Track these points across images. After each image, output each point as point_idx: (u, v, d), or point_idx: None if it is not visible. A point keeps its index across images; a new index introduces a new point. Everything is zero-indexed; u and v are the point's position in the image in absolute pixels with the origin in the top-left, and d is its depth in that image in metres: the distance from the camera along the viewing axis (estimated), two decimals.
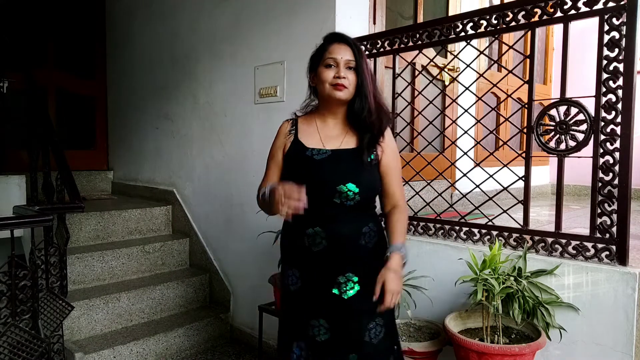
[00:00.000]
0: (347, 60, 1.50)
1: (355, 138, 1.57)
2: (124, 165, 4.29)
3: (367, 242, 1.53)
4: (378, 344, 1.52)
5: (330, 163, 1.52)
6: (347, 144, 1.56)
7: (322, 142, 1.56)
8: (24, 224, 1.93)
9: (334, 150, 1.54)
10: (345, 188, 1.47)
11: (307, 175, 1.50)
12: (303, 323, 1.56)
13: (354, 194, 1.48)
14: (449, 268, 1.95)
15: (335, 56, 1.50)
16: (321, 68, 1.52)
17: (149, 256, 3.14)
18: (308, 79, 1.63)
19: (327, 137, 1.57)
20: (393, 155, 1.60)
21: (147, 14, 3.85)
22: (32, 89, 2.69)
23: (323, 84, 1.51)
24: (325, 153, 1.53)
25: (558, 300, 1.65)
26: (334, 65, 1.50)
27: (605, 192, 1.61)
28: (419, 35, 2.12)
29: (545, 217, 2.88)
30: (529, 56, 1.82)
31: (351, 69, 1.51)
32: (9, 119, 3.34)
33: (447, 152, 2.91)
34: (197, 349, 2.86)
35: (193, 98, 3.38)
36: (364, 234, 1.53)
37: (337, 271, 1.51)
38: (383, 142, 1.56)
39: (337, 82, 1.48)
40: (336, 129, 1.59)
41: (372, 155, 1.55)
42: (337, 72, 1.49)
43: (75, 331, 2.56)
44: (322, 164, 1.51)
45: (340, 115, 1.58)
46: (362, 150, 1.53)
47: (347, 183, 1.47)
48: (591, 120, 1.64)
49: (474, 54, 2.18)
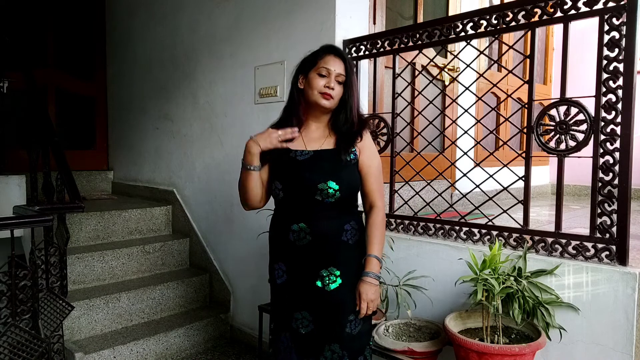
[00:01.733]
0: (339, 73, 1.61)
1: (334, 139, 1.67)
2: (124, 165, 4.29)
3: (349, 239, 1.63)
4: (357, 335, 1.62)
5: (312, 163, 1.62)
6: (328, 144, 1.66)
7: (305, 144, 1.67)
8: (24, 224, 1.93)
9: (315, 151, 1.64)
10: (326, 185, 1.57)
11: (290, 175, 1.62)
12: (288, 315, 1.66)
13: (334, 191, 1.57)
14: (449, 268, 1.95)
15: (329, 67, 1.60)
16: (313, 74, 1.61)
17: (149, 256, 3.14)
18: (294, 79, 1.69)
19: (310, 140, 1.67)
20: (371, 154, 1.68)
21: (147, 14, 3.85)
22: (32, 89, 2.68)
23: (312, 90, 1.61)
24: (307, 154, 1.63)
25: (558, 300, 1.65)
26: (326, 75, 1.60)
27: (605, 192, 1.61)
28: (419, 35, 2.12)
29: (545, 217, 2.88)
30: (529, 56, 1.82)
31: (340, 83, 1.62)
32: (9, 119, 3.33)
33: (447, 152, 2.91)
34: (197, 349, 2.86)
35: (193, 98, 3.38)
36: (345, 231, 1.62)
37: (320, 265, 1.60)
38: (360, 143, 1.65)
39: (326, 91, 1.59)
40: (318, 132, 1.69)
41: (352, 155, 1.64)
42: (328, 82, 1.59)
43: (75, 331, 2.56)
44: (305, 164, 1.61)
45: (323, 120, 1.69)
46: (340, 150, 1.63)
47: (327, 181, 1.57)
48: (591, 120, 1.64)
49: (474, 54, 2.18)
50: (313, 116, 1.68)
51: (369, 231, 1.66)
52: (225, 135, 3.09)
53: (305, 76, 1.64)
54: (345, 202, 1.63)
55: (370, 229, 1.66)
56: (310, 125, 1.69)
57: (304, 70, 1.65)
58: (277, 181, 1.64)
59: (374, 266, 1.61)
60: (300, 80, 1.66)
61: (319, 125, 1.69)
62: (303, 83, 1.65)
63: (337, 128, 1.67)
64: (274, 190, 1.66)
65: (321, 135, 1.69)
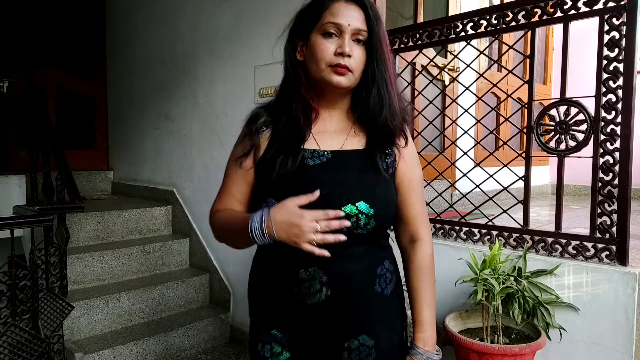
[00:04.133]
0: (357, 29, 1.02)
1: (362, 135, 1.11)
2: (124, 165, 4.29)
3: (384, 288, 1.08)
4: None
5: (330, 171, 1.04)
6: (353, 143, 1.10)
7: (316, 139, 1.08)
8: (24, 224, 1.93)
9: (334, 152, 1.07)
10: (355, 209, 1.00)
11: (295, 189, 0.99)
12: None
13: (367, 218, 1.01)
14: (449, 268, 1.95)
15: (340, 21, 1.01)
16: (315, 36, 1.04)
17: (149, 256, 3.14)
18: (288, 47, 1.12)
19: (324, 134, 1.09)
20: (414, 162, 1.15)
21: (147, 14, 3.85)
22: (32, 89, 2.68)
23: (317, 62, 1.03)
24: (322, 156, 1.06)
25: (558, 300, 1.65)
26: (336, 35, 1.02)
27: (605, 192, 1.61)
28: (419, 35, 2.12)
29: (545, 217, 2.88)
30: (529, 56, 1.82)
31: (361, 42, 1.03)
32: (9, 119, 3.33)
33: (447, 152, 2.91)
34: (197, 349, 2.86)
35: (193, 98, 3.38)
36: (379, 277, 1.07)
37: (346, 334, 1.04)
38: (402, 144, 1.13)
39: (339, 61, 1.01)
40: (334, 123, 1.12)
41: (389, 160, 1.10)
42: (341, 46, 1.01)
43: (75, 331, 2.55)
44: (319, 172, 1.04)
45: (340, 106, 1.12)
46: (374, 151, 1.08)
47: (357, 201, 1.01)
48: (591, 120, 1.64)
49: (474, 54, 2.18)
50: (324, 100, 1.10)
51: (415, 280, 1.11)
52: (225, 135, 3.09)
53: (305, 41, 1.07)
54: (379, 234, 1.09)
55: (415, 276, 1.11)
56: (322, 113, 1.12)
57: (302, 31, 1.09)
58: (274, 199, 1.02)
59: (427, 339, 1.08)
60: (299, 49, 1.09)
61: (333, 114, 1.12)
62: (303, 52, 1.08)
63: (365, 116, 1.09)
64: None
65: (340, 128, 1.11)
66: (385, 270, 1.09)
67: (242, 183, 1.12)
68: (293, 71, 1.09)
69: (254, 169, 1.10)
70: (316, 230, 0.92)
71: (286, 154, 1.04)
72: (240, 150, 1.12)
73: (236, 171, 1.13)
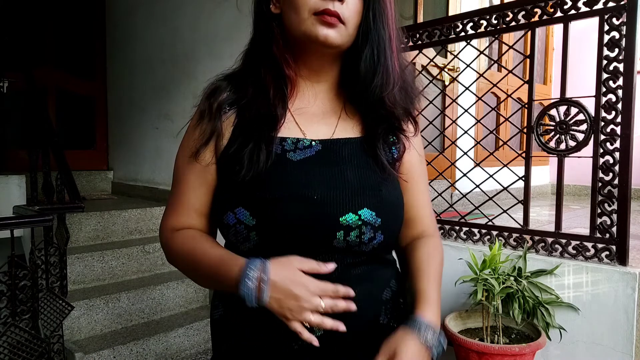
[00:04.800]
0: None
1: (357, 119, 0.86)
2: (124, 165, 4.29)
3: (390, 319, 0.84)
4: None
5: (322, 168, 0.79)
6: (345, 129, 0.84)
7: (298, 123, 0.82)
8: (24, 224, 1.93)
9: (325, 142, 0.82)
10: (357, 218, 0.76)
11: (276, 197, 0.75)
12: None
13: (373, 231, 0.77)
14: (449, 268, 1.94)
15: None
16: None
17: (149, 256, 3.13)
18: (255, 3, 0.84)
19: (308, 117, 0.83)
20: (422, 153, 0.92)
21: (147, 13, 3.85)
22: (32, 89, 2.68)
23: (298, 9, 0.75)
24: (309, 147, 0.80)
25: (558, 300, 1.65)
26: None
27: (605, 192, 1.61)
28: (419, 35, 2.12)
29: (545, 217, 2.88)
30: (529, 56, 1.82)
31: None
32: (9, 119, 3.33)
33: (447, 152, 2.91)
34: (197, 349, 2.86)
35: (193, 98, 3.37)
36: (385, 304, 0.83)
37: None
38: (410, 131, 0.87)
39: (328, 7, 0.73)
40: (319, 101, 0.85)
41: (394, 151, 0.85)
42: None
43: (75, 331, 2.55)
44: (308, 170, 0.78)
45: (328, 78, 0.85)
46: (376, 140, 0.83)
47: (360, 208, 0.76)
48: (591, 120, 1.64)
49: (474, 54, 2.18)
50: (305, 67, 0.83)
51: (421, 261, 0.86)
52: None
53: None
54: (385, 249, 0.85)
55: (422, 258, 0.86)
56: (301, 85, 0.85)
57: None
58: (244, 208, 0.76)
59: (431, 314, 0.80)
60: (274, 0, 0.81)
61: (318, 88, 0.85)
62: (278, 3, 0.80)
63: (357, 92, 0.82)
64: (234, 227, 0.76)
65: (328, 109, 0.85)
66: (391, 293, 0.84)
67: (201, 186, 0.83)
68: (265, 25, 0.81)
69: (215, 165, 0.81)
70: (317, 309, 0.70)
71: (257, 143, 0.77)
72: (196, 139, 0.82)
73: (191, 169, 0.84)
